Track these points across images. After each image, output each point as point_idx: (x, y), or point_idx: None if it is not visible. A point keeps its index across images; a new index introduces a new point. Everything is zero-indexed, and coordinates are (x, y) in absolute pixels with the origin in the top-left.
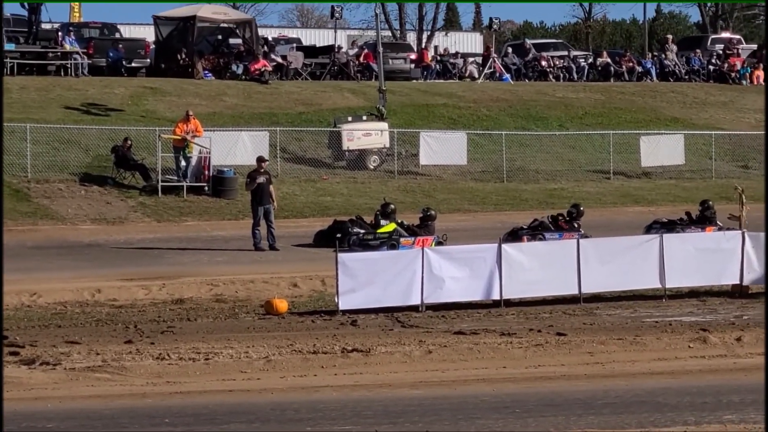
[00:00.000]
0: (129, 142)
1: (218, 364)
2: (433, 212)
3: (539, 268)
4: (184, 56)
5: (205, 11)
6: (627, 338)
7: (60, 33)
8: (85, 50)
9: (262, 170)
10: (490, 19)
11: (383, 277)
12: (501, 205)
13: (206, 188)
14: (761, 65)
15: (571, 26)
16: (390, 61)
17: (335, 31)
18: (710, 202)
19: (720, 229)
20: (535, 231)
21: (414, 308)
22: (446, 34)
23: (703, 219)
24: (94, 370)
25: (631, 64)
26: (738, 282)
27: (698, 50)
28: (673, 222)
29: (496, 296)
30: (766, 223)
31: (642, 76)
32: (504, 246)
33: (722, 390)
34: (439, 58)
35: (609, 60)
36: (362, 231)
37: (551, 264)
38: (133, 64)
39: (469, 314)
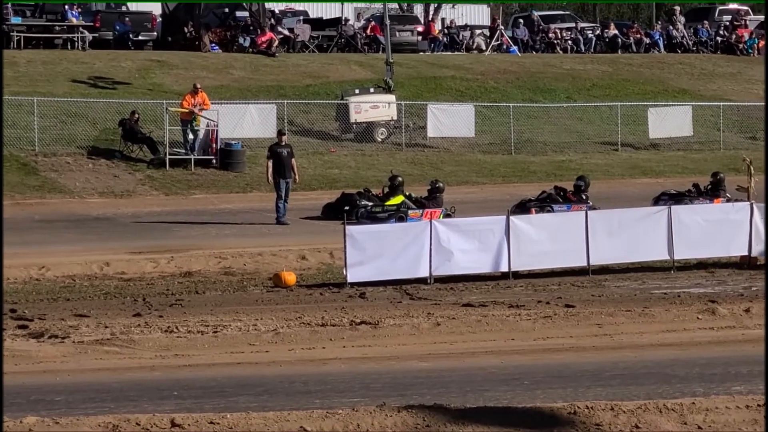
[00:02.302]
0: (136, 115)
1: (226, 336)
2: (441, 184)
3: (547, 240)
4: (191, 29)
5: None
6: (635, 310)
7: (66, 7)
8: (92, 23)
9: (283, 143)
10: None
11: (391, 250)
12: (509, 177)
13: (214, 161)
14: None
15: None
16: (397, 33)
17: (342, 4)
18: (721, 174)
19: (729, 200)
20: (543, 203)
21: (422, 280)
22: (453, 7)
23: (714, 190)
24: (103, 343)
25: (638, 35)
26: (746, 253)
27: (706, 21)
28: (681, 194)
29: (504, 268)
30: (766, 197)
31: (650, 48)
32: (512, 218)
33: (731, 361)
34: (446, 30)
35: (616, 31)
36: (370, 203)
37: (559, 236)
38: (140, 38)
39: (477, 286)
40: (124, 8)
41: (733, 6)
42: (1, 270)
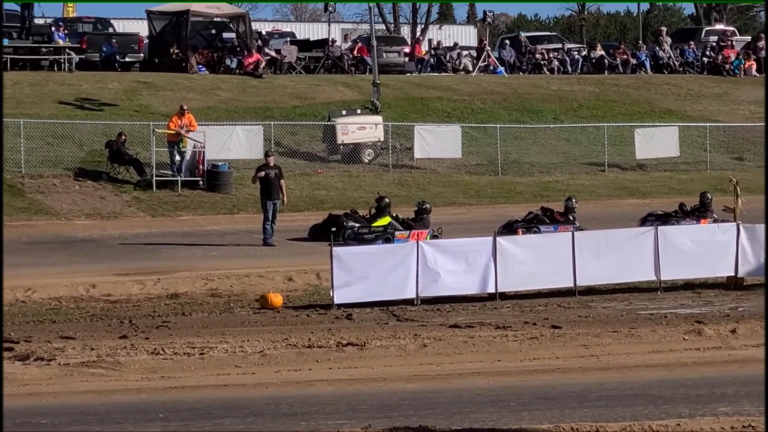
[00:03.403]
0: (123, 136)
1: (213, 358)
2: (428, 205)
3: (534, 261)
4: (177, 51)
5: (198, 6)
6: (622, 331)
7: (52, 29)
8: (79, 45)
9: (271, 164)
10: (484, 12)
11: (378, 271)
12: (496, 198)
13: (201, 183)
14: (752, 56)
15: (565, 19)
16: (384, 54)
17: (329, 25)
18: (708, 195)
19: (715, 221)
20: (530, 224)
21: (409, 302)
22: (440, 28)
23: (700, 210)
24: (89, 365)
25: (625, 56)
26: (733, 274)
27: (692, 42)
28: (668, 214)
29: (491, 289)
30: (766, 217)
31: (636, 69)
32: (499, 239)
33: (717, 382)
34: (433, 51)
35: (603, 52)
36: (357, 225)
37: (546, 257)
38: (127, 59)
39: (464, 307)
40: (110, 30)
41: (719, 27)
42: (1, 288)
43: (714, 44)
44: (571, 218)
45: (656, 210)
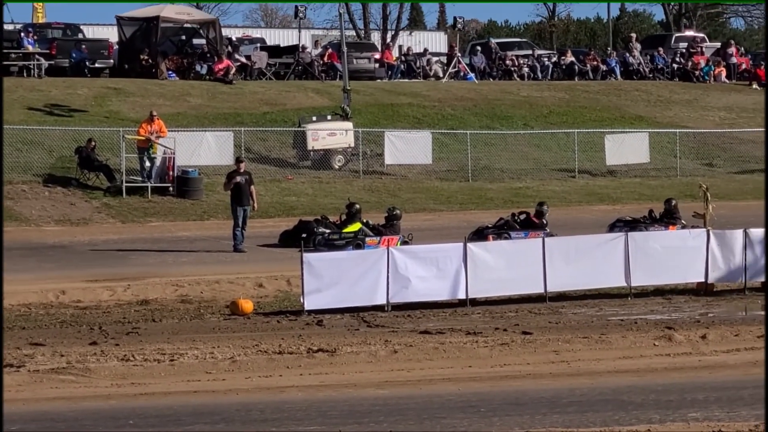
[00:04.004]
0: (93, 143)
1: (183, 365)
2: (398, 212)
3: (505, 267)
4: (147, 57)
5: (168, 11)
6: (592, 337)
7: (21, 34)
8: (48, 51)
9: (242, 170)
10: (455, 18)
11: (349, 277)
12: (466, 204)
13: (171, 189)
14: (722, 62)
15: (535, 25)
16: (354, 60)
17: (299, 31)
18: (674, 200)
19: (684, 227)
20: (501, 230)
21: (380, 308)
22: (410, 34)
23: (668, 216)
24: (59, 371)
25: (595, 62)
26: (703, 280)
27: (662, 48)
28: (636, 220)
29: (461, 295)
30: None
31: (606, 75)
32: (469, 245)
33: (687, 388)
34: (403, 57)
35: (573, 59)
36: (327, 231)
37: (517, 263)
38: (97, 65)
39: (434, 313)
40: (80, 36)
41: (689, 33)
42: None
43: (684, 50)
44: (544, 222)
45: (625, 216)
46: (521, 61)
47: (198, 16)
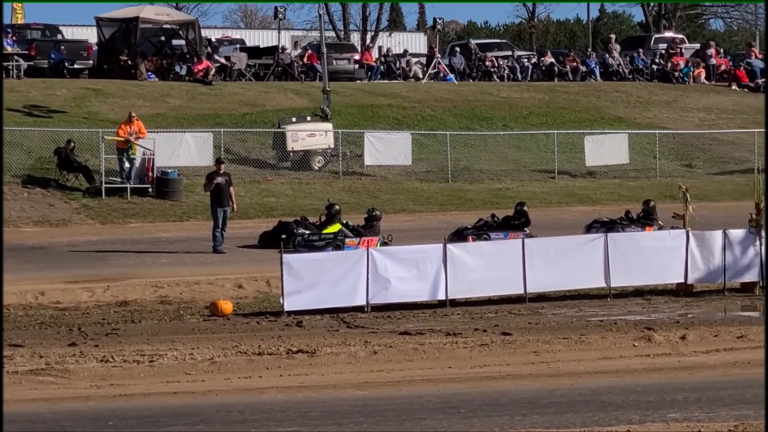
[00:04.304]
0: (72, 144)
1: (163, 366)
2: (378, 213)
3: (484, 268)
4: (126, 57)
5: (147, 12)
6: (572, 337)
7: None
8: (27, 52)
9: (221, 171)
10: (434, 19)
11: (328, 278)
12: (446, 205)
13: (150, 190)
14: (701, 63)
15: (515, 26)
16: (334, 61)
17: (279, 32)
18: (653, 202)
19: (660, 228)
20: (480, 231)
21: (359, 309)
22: (390, 35)
23: (645, 217)
24: (38, 373)
25: (574, 63)
26: (682, 281)
27: (641, 50)
28: (613, 221)
29: (441, 296)
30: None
31: (586, 76)
32: (449, 246)
33: (666, 388)
34: (383, 58)
35: (553, 60)
36: (307, 232)
37: (496, 264)
38: (76, 66)
39: (414, 314)
40: (59, 36)
41: (668, 34)
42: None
43: (663, 52)
44: (524, 221)
45: (602, 217)
46: (501, 62)
47: (177, 17)
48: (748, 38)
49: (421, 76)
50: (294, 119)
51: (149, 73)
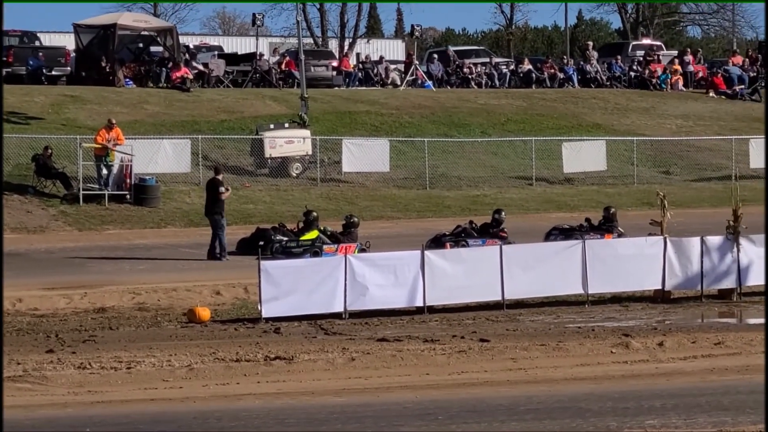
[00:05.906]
0: (49, 150)
1: (140, 372)
2: (355, 219)
3: (462, 275)
4: (105, 64)
5: (125, 19)
6: (550, 344)
7: None
8: (5, 58)
9: (221, 179)
10: (412, 26)
11: (306, 285)
12: (424, 212)
13: (128, 197)
14: (679, 70)
15: (492, 33)
16: (312, 68)
17: (257, 39)
18: (613, 209)
19: (620, 235)
20: (458, 238)
21: (337, 315)
22: (368, 42)
23: (606, 224)
24: (15, 380)
25: (552, 70)
26: (660, 287)
27: (619, 57)
28: (572, 228)
29: (419, 303)
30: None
31: (563, 83)
32: (427, 253)
33: (644, 395)
34: (361, 65)
35: (531, 66)
36: (285, 238)
37: (474, 270)
38: (54, 72)
39: (392, 321)
40: (37, 43)
41: (646, 41)
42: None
43: (641, 59)
44: (502, 228)
45: (561, 224)
46: (479, 69)
47: (155, 23)
48: (725, 45)
49: (399, 82)
50: (272, 126)
51: (127, 80)
